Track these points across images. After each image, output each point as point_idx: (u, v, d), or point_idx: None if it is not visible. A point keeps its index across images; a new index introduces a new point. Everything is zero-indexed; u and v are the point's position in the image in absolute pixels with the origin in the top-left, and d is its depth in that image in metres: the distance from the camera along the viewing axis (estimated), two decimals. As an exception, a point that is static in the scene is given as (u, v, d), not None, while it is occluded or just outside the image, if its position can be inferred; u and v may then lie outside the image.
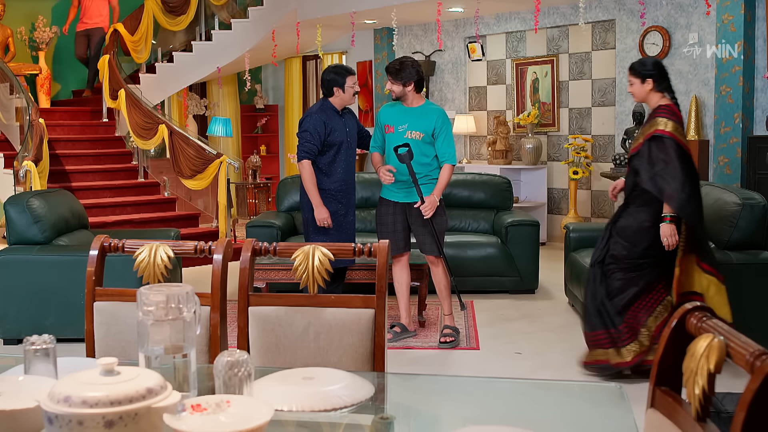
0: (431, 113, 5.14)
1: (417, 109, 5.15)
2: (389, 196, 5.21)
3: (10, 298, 5.32)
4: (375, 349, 2.35)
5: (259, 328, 2.40)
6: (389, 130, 5.18)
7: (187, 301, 1.73)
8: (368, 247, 2.39)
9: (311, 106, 5.38)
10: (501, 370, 4.76)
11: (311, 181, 5.14)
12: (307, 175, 5.15)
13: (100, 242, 2.51)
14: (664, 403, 1.49)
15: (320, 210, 5.13)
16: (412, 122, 5.10)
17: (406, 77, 5.05)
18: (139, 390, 1.44)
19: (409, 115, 5.13)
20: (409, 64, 5.08)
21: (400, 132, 5.13)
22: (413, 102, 5.15)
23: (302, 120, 5.25)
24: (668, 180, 4.22)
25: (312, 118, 5.15)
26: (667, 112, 4.32)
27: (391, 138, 5.16)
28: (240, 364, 1.59)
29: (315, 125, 5.11)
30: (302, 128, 5.19)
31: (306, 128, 5.15)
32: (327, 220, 5.13)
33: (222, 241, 2.45)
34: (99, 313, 2.49)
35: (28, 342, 1.74)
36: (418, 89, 5.12)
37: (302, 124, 5.21)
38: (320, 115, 5.14)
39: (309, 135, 5.12)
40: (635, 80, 4.42)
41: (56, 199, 5.75)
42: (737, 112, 7.69)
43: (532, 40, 9.63)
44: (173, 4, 10.67)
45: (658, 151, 4.26)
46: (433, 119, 5.10)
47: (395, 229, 5.18)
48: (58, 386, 1.46)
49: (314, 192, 5.14)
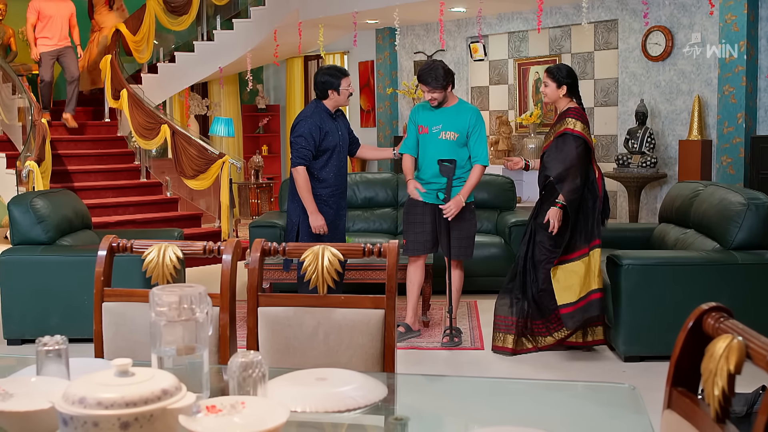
0: (465, 112, 5.12)
1: (451, 109, 5.12)
2: (421, 196, 5.17)
3: (14, 299, 5.31)
4: (385, 349, 2.35)
5: (268, 328, 2.39)
6: (423, 130, 5.14)
7: (200, 301, 1.72)
8: (378, 248, 2.39)
9: (304, 109, 5.22)
10: (506, 371, 4.75)
11: (306, 188, 4.99)
12: (302, 181, 4.98)
13: (109, 242, 2.51)
14: (681, 404, 1.48)
15: (316, 217, 4.99)
16: (447, 122, 5.07)
17: (443, 82, 5.02)
18: (154, 391, 1.43)
19: (444, 115, 5.10)
20: (440, 67, 5.04)
21: (434, 132, 5.09)
22: (448, 102, 5.13)
23: (295, 124, 5.09)
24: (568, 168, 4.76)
25: (306, 123, 4.99)
26: (576, 113, 4.88)
27: (426, 139, 5.13)
28: (254, 365, 1.59)
29: (310, 130, 4.96)
30: (296, 133, 5.02)
31: (300, 133, 4.99)
32: (323, 228, 5.00)
33: (231, 242, 2.44)
34: (108, 313, 2.48)
35: (41, 343, 1.73)
36: (452, 88, 5.11)
37: (295, 129, 5.04)
38: (314, 119, 5.00)
39: (303, 140, 4.96)
40: (551, 83, 4.91)
41: (60, 199, 5.74)
42: (740, 112, 7.69)
43: (534, 40, 9.63)
44: (175, 4, 10.65)
45: (564, 146, 4.81)
46: (467, 118, 5.08)
47: (424, 230, 5.16)
48: (72, 387, 1.46)
49: (309, 198, 4.99)
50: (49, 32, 9.31)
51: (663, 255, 4.99)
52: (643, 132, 8.25)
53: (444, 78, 5.02)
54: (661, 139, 8.42)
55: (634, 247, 5.60)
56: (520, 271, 4.99)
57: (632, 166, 8.23)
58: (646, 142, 8.23)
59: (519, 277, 4.99)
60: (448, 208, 5.01)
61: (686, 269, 4.78)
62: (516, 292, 4.99)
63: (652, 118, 8.45)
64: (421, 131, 5.16)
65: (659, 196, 8.49)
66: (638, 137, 8.26)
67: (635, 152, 8.28)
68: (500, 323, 5.04)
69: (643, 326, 4.78)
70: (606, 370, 4.71)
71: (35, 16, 9.25)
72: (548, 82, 4.93)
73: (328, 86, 5.04)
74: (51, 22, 9.30)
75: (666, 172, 8.35)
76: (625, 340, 4.80)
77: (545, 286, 4.91)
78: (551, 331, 5.01)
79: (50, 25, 9.30)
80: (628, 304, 4.75)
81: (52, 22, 9.30)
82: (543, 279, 4.91)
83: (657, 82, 8.44)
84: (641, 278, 4.75)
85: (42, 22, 9.26)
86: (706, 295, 4.72)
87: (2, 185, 8.84)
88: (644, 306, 4.76)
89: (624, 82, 8.72)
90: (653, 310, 4.75)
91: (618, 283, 4.78)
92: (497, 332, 5.05)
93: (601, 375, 4.62)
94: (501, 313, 5.04)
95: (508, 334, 4.99)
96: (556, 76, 4.91)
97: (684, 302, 4.75)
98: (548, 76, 4.94)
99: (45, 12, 9.26)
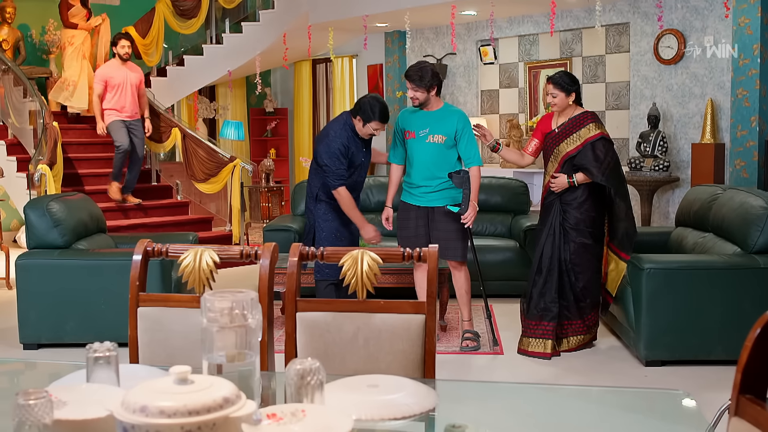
0: (452, 116, 5.12)
1: (437, 113, 5.12)
2: (411, 200, 5.19)
3: (30, 303, 5.29)
4: (426, 355, 2.32)
5: (307, 333, 2.37)
6: (410, 135, 5.14)
7: (252, 307, 1.70)
8: (417, 253, 2.36)
9: (334, 121, 5.24)
10: (530, 374, 4.72)
11: (351, 206, 5.10)
12: (347, 200, 5.08)
13: (144, 247, 2.48)
14: (751, 412, 1.45)
15: (367, 230, 5.15)
16: (434, 126, 5.07)
17: (429, 83, 5.01)
18: (216, 399, 1.41)
19: (430, 119, 5.10)
20: (429, 69, 5.05)
21: (421, 137, 5.09)
22: (433, 106, 5.12)
23: (323, 137, 5.12)
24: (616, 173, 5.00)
25: (336, 143, 5.03)
26: (594, 117, 5.07)
27: (413, 144, 5.13)
28: (312, 372, 1.56)
29: (339, 150, 5.02)
30: (327, 156, 5.03)
31: (331, 155, 5.01)
32: (377, 238, 5.14)
33: (269, 246, 2.41)
34: (143, 318, 2.46)
35: (91, 349, 1.70)
36: (438, 93, 5.10)
37: (327, 150, 5.04)
38: (342, 139, 5.03)
39: (337, 161, 5.01)
40: (560, 93, 5.00)
41: (75, 203, 5.72)
42: (754, 116, 7.66)
43: (545, 43, 9.61)
44: (184, 7, 10.65)
45: (603, 152, 4.97)
46: (454, 121, 5.08)
47: (417, 234, 5.15)
48: (131, 395, 1.43)
49: (357, 215, 5.13)
50: (118, 103, 8.31)
51: (685, 259, 4.97)
52: (655, 135, 8.22)
53: (430, 79, 5.01)
54: (673, 142, 8.39)
55: (651, 250, 5.56)
56: (553, 275, 5.01)
57: (645, 170, 8.20)
58: (658, 145, 8.20)
59: (552, 281, 5.01)
60: (469, 217, 5.02)
61: (708, 273, 4.76)
62: (551, 295, 5.01)
63: (664, 121, 8.42)
64: (407, 136, 5.15)
65: (671, 200, 8.46)
66: (650, 140, 8.24)
67: (647, 156, 8.25)
68: (535, 329, 5.04)
69: (665, 330, 4.75)
70: (628, 375, 4.68)
71: (102, 85, 8.25)
72: (556, 93, 5.01)
73: (360, 113, 5.05)
74: (120, 92, 8.32)
75: (678, 175, 8.32)
76: (647, 345, 4.78)
77: (587, 283, 5.04)
78: (590, 328, 5.16)
79: (119, 95, 8.32)
80: (649, 308, 4.73)
81: (121, 92, 8.32)
82: (587, 278, 5.03)
83: (669, 86, 8.42)
84: (663, 282, 4.73)
85: (110, 92, 8.27)
86: (728, 299, 4.71)
87: (12, 189, 8.83)
88: (665, 310, 4.73)
89: (636, 85, 8.69)
90: (675, 314, 4.73)
91: (639, 286, 4.76)
92: (531, 338, 5.06)
93: (624, 380, 4.59)
94: (533, 319, 5.05)
95: (546, 339, 5.00)
96: (564, 86, 5.00)
97: (705, 306, 4.75)
98: (555, 87, 5.02)
99: (113, 81, 8.27)
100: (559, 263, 5.02)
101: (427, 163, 5.08)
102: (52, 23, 10.95)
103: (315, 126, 12.62)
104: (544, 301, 5.02)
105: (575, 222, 5.00)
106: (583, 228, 5.00)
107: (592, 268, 5.07)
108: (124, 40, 8.45)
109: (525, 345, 5.08)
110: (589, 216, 5.02)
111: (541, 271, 5.05)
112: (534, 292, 5.07)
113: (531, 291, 5.10)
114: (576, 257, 5.02)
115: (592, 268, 5.07)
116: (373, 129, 5.07)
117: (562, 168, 5.06)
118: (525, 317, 5.12)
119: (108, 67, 8.49)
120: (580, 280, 5.02)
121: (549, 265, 5.03)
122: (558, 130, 5.08)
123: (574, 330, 5.08)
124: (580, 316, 5.08)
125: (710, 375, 4.61)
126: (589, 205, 5.02)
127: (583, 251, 5.01)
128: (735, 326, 4.71)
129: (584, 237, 5.00)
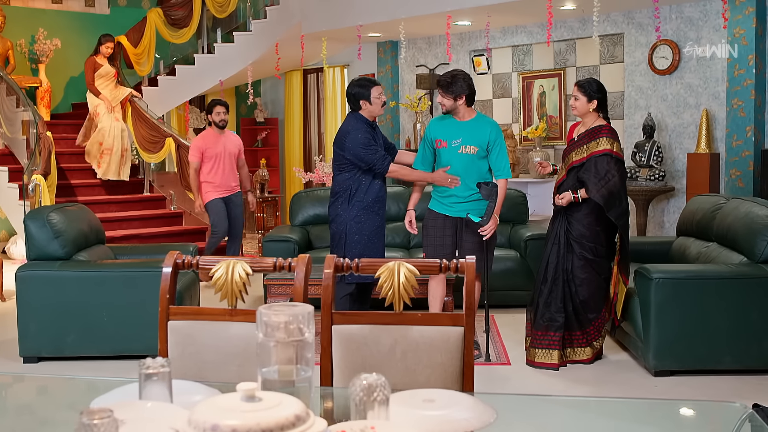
0: (485, 126, 5.09)
1: (470, 123, 5.09)
2: (441, 209, 5.16)
3: (31, 315, 5.20)
4: (464, 368, 2.29)
5: (343, 347, 2.33)
6: (441, 144, 5.10)
7: (308, 321, 1.66)
8: (455, 264, 2.34)
9: (345, 122, 5.22)
10: (542, 386, 4.69)
11: (409, 171, 5.24)
12: (402, 170, 5.21)
13: (173, 259, 2.44)
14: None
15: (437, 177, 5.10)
16: (466, 136, 5.04)
17: (457, 90, 4.99)
18: (288, 417, 1.37)
19: (462, 129, 5.07)
20: (460, 78, 5.02)
21: (453, 147, 5.06)
22: (465, 116, 5.09)
23: (343, 137, 5.08)
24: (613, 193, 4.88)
25: (358, 133, 5.03)
26: (610, 132, 4.95)
27: (444, 153, 5.10)
28: (379, 387, 1.52)
29: (365, 137, 5.03)
30: (358, 147, 5.01)
31: (359, 144, 5.01)
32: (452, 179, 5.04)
33: (303, 258, 2.38)
34: (173, 332, 2.41)
35: (144, 365, 1.66)
36: (470, 103, 5.07)
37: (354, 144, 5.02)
38: (362, 131, 5.04)
39: (368, 149, 5.02)
40: (582, 97, 4.95)
41: (75, 213, 5.64)
42: (749, 126, 7.71)
43: (538, 53, 9.63)
44: (175, 16, 10.60)
45: (606, 168, 4.88)
46: (487, 132, 5.05)
47: (444, 243, 5.12)
48: (198, 414, 1.39)
49: (418, 174, 5.22)
50: (215, 176, 7.43)
51: (693, 268, 4.97)
52: (650, 145, 8.26)
53: (459, 88, 4.99)
54: (668, 152, 8.43)
55: (653, 260, 5.57)
56: (558, 284, 4.99)
57: (640, 179, 8.22)
58: (653, 155, 8.23)
59: (558, 291, 4.99)
60: (489, 230, 4.99)
61: (716, 283, 4.76)
62: (556, 304, 4.98)
63: (659, 131, 8.46)
64: (439, 145, 5.12)
65: (666, 210, 8.49)
66: (646, 150, 8.27)
67: (643, 165, 8.28)
68: (542, 339, 5.01)
69: (673, 340, 4.75)
70: (638, 386, 4.67)
71: (198, 158, 7.40)
72: (579, 96, 4.97)
73: (360, 97, 5.07)
74: (217, 164, 7.44)
75: (674, 185, 8.36)
76: (656, 354, 4.77)
77: (587, 298, 4.98)
78: (590, 341, 5.05)
79: (216, 167, 7.44)
80: (658, 318, 4.72)
81: (218, 164, 7.44)
82: (587, 292, 4.98)
83: (664, 96, 8.46)
84: (671, 291, 4.72)
85: (206, 165, 7.42)
86: (737, 308, 4.72)
87: (3, 199, 8.72)
88: (674, 319, 4.73)
89: (630, 95, 8.72)
90: (683, 323, 4.72)
91: (648, 296, 4.75)
92: (538, 348, 5.02)
93: (634, 390, 4.58)
94: (540, 329, 5.02)
95: (552, 349, 4.96)
96: (587, 90, 4.96)
97: (714, 316, 4.75)
98: (579, 90, 4.97)
99: (209, 152, 7.42)
100: (564, 273, 5.00)
101: (459, 172, 5.06)
102: (42, 33, 10.86)
103: (306, 136, 12.58)
104: (550, 311, 5.00)
105: (578, 235, 4.98)
106: (584, 242, 4.96)
107: (594, 283, 4.99)
108: (219, 107, 7.47)
109: (532, 356, 5.05)
110: (592, 230, 4.97)
111: (546, 281, 5.04)
112: (540, 302, 5.05)
113: (537, 300, 5.08)
114: (578, 270, 4.98)
115: (594, 284, 4.99)
116: (378, 95, 5.08)
117: (567, 176, 5.06)
118: (532, 327, 5.09)
119: (203, 137, 7.57)
120: (579, 293, 4.99)
121: (554, 275, 5.02)
122: (576, 139, 5.08)
123: (578, 341, 5.05)
124: (580, 327, 5.03)
125: (720, 384, 4.60)
126: (592, 219, 4.97)
127: (584, 264, 4.96)
128: (743, 335, 4.73)
129: (585, 251, 4.95)
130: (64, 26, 11.31)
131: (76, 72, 11.07)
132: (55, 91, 11.09)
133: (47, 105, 10.62)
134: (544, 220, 9.20)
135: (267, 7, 10.52)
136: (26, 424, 2.15)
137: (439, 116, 5.26)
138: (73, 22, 11.47)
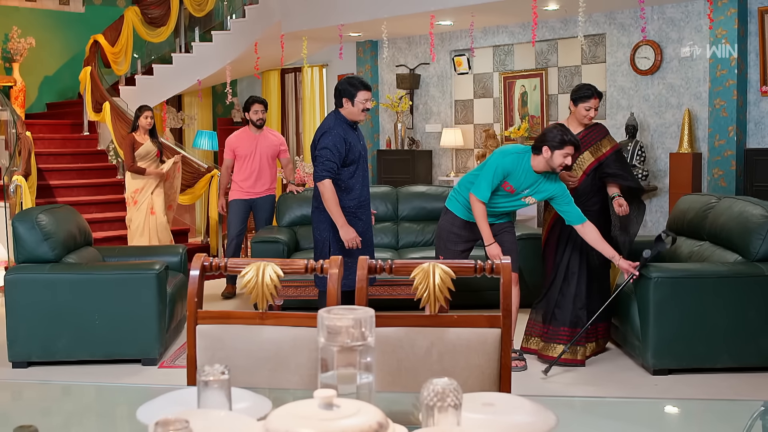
0: (553, 182, 4.81)
1: (543, 176, 4.81)
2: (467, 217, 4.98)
3: (20, 319, 5.08)
4: (502, 369, 2.27)
5: (378, 349, 2.29)
6: (509, 188, 4.80)
7: (370, 325, 1.62)
8: (490, 265, 2.31)
9: (325, 121, 4.98)
10: (539, 387, 4.69)
11: (333, 201, 4.76)
12: (329, 194, 4.75)
13: (201, 262, 2.38)
14: None
15: (347, 230, 4.78)
16: (534, 188, 4.80)
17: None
18: (371, 425, 1.34)
19: (536, 182, 4.80)
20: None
21: (518, 194, 4.83)
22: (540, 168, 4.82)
23: (319, 137, 4.86)
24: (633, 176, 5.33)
25: (331, 135, 4.78)
26: (606, 130, 5.31)
27: (504, 196, 4.83)
28: (450, 392, 1.49)
29: (335, 142, 4.75)
30: (321, 145, 4.79)
31: (325, 145, 4.77)
32: (355, 240, 4.80)
33: (335, 260, 2.34)
34: (202, 337, 2.35)
35: (203, 372, 1.61)
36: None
37: (320, 141, 4.82)
38: (338, 131, 4.78)
39: (329, 152, 4.74)
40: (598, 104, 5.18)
41: (63, 215, 5.51)
42: (731, 126, 7.79)
43: (520, 53, 9.66)
44: (152, 15, 10.48)
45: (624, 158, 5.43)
46: (552, 189, 4.80)
47: (455, 249, 5.02)
48: (275, 423, 1.35)
49: (338, 212, 4.77)
50: (240, 176, 6.98)
51: (691, 268, 4.98)
52: (633, 145, 8.31)
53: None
54: (651, 152, 8.49)
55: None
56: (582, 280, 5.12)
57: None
58: (636, 155, 8.29)
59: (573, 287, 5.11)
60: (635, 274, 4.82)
61: (714, 281, 4.78)
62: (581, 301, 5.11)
63: (642, 131, 8.52)
64: (505, 187, 4.79)
65: (648, 209, 8.54)
66: (629, 150, 8.32)
67: (626, 165, 8.34)
68: (563, 335, 5.09)
69: (672, 339, 4.77)
70: (637, 385, 4.68)
71: (230, 155, 6.99)
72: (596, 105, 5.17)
73: (344, 95, 4.82)
74: (247, 165, 6.97)
75: (656, 184, 8.42)
76: (654, 353, 4.79)
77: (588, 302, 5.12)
78: (598, 336, 5.24)
79: (245, 167, 6.96)
80: (656, 317, 4.74)
81: (248, 165, 6.97)
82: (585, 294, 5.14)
83: (646, 96, 8.52)
84: (670, 291, 4.75)
85: (237, 164, 6.99)
86: (734, 307, 4.76)
87: (-21, 201, 8.54)
88: (672, 318, 4.75)
89: (612, 95, 8.78)
90: (681, 322, 4.75)
91: (646, 296, 4.77)
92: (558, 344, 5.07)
93: (633, 389, 4.59)
94: (562, 325, 5.11)
95: (577, 346, 5.05)
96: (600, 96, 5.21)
97: (712, 314, 4.78)
98: (598, 98, 5.15)
99: (240, 151, 6.95)
100: (588, 269, 5.13)
101: (507, 209, 4.97)
102: (16, 31, 10.66)
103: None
104: (575, 308, 5.09)
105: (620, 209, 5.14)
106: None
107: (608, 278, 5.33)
108: (258, 105, 6.94)
109: (547, 351, 5.08)
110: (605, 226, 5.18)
111: (566, 278, 5.11)
112: (561, 300, 5.11)
113: (557, 298, 5.12)
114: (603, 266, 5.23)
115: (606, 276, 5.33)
116: (364, 100, 4.80)
117: (586, 177, 5.16)
118: (550, 325, 5.12)
119: (237, 135, 7.06)
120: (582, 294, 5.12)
121: (578, 271, 5.12)
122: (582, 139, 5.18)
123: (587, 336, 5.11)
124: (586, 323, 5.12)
125: (719, 383, 4.64)
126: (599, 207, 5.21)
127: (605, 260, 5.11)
128: (741, 334, 4.77)
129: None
130: (39, 25, 11.13)
131: (50, 71, 10.92)
132: (30, 90, 10.90)
133: (21, 104, 10.43)
134: (528, 219, 9.23)
135: (246, 6, 10.45)
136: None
137: (516, 153, 4.80)
138: (47, 20, 11.29)
